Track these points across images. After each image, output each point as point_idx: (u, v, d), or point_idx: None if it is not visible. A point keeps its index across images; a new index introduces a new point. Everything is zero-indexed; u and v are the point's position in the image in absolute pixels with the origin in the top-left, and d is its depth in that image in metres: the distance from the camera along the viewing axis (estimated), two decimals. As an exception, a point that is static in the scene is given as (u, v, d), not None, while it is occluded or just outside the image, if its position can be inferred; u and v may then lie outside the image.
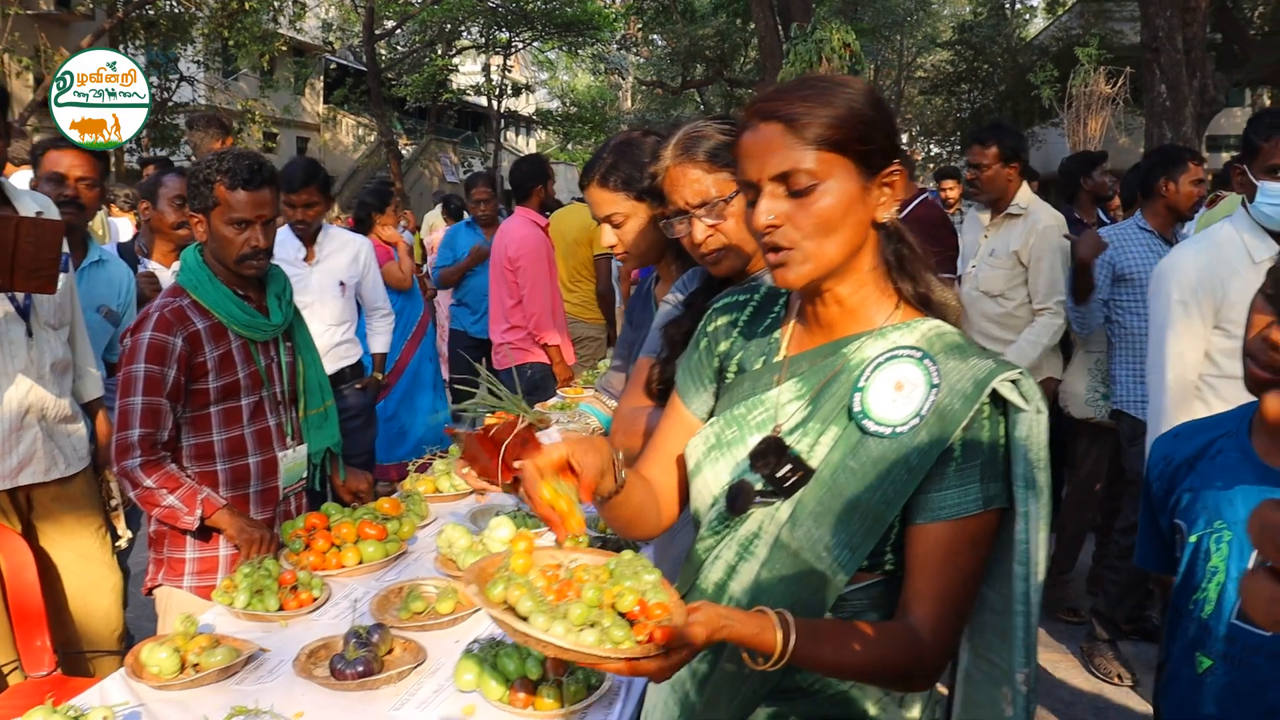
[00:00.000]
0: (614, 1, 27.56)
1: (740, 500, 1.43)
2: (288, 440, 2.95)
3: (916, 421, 1.34)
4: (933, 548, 1.34)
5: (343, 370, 4.74)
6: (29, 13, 18.09)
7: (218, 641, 2.15)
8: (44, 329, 3.11)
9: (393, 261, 6.06)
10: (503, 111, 33.19)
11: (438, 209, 11.29)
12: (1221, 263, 3.00)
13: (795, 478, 1.38)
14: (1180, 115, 10.61)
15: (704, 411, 1.61)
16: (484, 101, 32.82)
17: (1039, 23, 34.64)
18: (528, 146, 42.94)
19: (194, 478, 2.73)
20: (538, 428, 2.17)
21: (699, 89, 29.64)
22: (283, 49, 21.94)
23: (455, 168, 29.23)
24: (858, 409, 1.37)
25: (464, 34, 29.54)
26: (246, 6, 18.11)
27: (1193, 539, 1.51)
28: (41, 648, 2.85)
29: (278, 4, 20.42)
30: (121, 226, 6.39)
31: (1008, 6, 31.83)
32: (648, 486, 1.58)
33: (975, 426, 1.33)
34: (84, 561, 3.26)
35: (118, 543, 3.51)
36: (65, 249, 3.18)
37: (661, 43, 29.19)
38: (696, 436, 1.53)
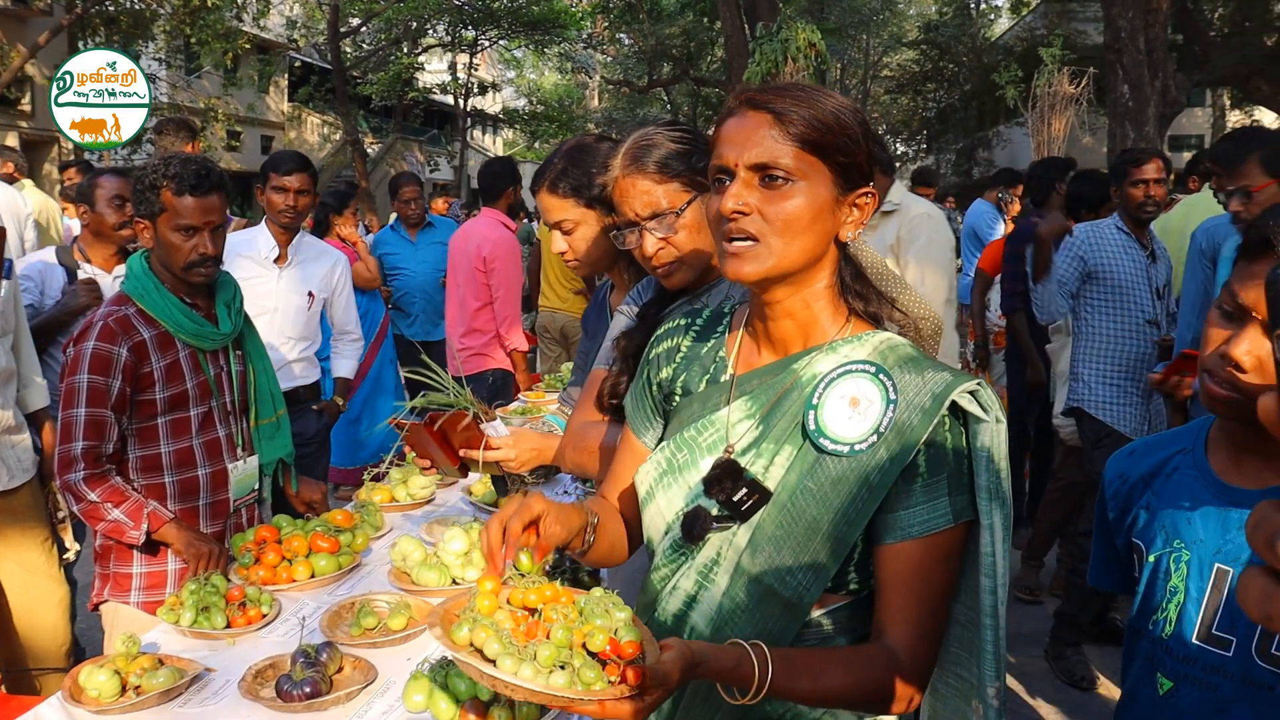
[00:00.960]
0: (580, 0, 27.49)
1: (697, 527, 1.38)
2: (238, 451, 2.88)
3: (875, 439, 1.31)
4: (904, 567, 1.31)
5: (298, 390, 4.16)
6: (-15, 8, 17.83)
7: (161, 662, 2.08)
8: (-15, 338, 3.02)
9: (358, 261, 5.99)
10: (469, 110, 33.09)
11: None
12: None
13: (752, 500, 1.35)
14: (1143, 115, 10.71)
15: (654, 443, 1.58)
16: (450, 100, 32.71)
17: (1004, 23, 34.93)
18: (494, 145, 42.90)
19: (141, 490, 2.65)
20: (482, 420, 2.26)
21: (665, 88, 29.68)
22: (246, 46, 21.69)
23: (421, 166, 29.07)
24: (813, 427, 1.34)
25: (430, 32, 29.45)
26: (209, 3, 17.89)
27: (1151, 559, 1.49)
28: (-16, 666, 2.78)
29: (241, 1, 20.19)
30: (75, 227, 6.27)
31: (973, 7, 32.10)
32: (617, 517, 1.58)
33: (937, 440, 1.30)
34: (29, 575, 3.18)
35: (65, 555, 3.43)
36: (9, 255, 3.09)
37: (628, 41, 29.15)
38: (647, 463, 1.50)
